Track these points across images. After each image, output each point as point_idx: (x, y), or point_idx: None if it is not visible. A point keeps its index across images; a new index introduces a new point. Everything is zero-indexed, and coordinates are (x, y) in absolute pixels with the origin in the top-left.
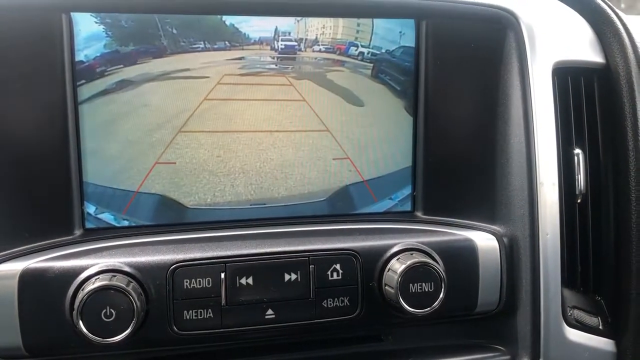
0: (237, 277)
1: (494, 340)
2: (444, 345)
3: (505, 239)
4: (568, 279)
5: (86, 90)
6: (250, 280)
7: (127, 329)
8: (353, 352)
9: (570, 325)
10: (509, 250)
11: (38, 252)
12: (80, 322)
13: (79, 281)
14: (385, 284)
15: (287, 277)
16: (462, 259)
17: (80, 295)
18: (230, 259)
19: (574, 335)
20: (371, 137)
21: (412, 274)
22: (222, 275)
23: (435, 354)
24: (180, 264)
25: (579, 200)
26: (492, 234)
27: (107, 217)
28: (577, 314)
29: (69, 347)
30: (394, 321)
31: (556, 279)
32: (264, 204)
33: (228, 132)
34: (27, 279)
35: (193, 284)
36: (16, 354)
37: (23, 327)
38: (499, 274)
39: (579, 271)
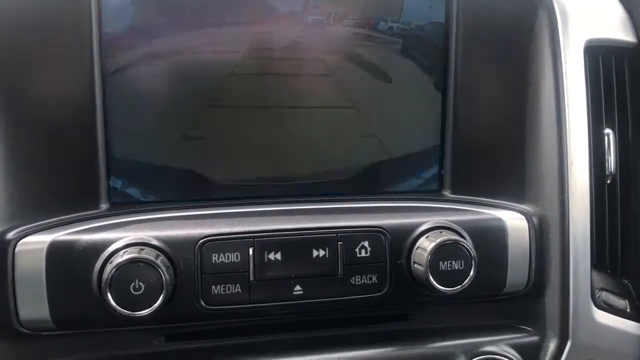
0: (266, 253)
1: (522, 321)
2: (471, 326)
3: (534, 219)
4: (596, 261)
5: (114, 64)
6: (278, 256)
7: (155, 303)
8: (379, 331)
9: (599, 307)
10: (539, 230)
11: (65, 225)
12: (109, 295)
13: (107, 254)
14: (414, 262)
15: (315, 253)
16: (491, 238)
17: (109, 268)
18: (258, 234)
19: (602, 317)
20: (399, 114)
21: (442, 251)
22: (251, 250)
23: (462, 333)
24: (209, 238)
25: (608, 181)
26: (522, 214)
27: (134, 191)
28: (605, 296)
29: (97, 321)
30: (422, 300)
31: (586, 260)
32: (291, 181)
33: (255, 107)
34: (55, 252)
35: (222, 258)
36: (44, 327)
37: (51, 300)
38: (527, 254)
39: (607, 253)
